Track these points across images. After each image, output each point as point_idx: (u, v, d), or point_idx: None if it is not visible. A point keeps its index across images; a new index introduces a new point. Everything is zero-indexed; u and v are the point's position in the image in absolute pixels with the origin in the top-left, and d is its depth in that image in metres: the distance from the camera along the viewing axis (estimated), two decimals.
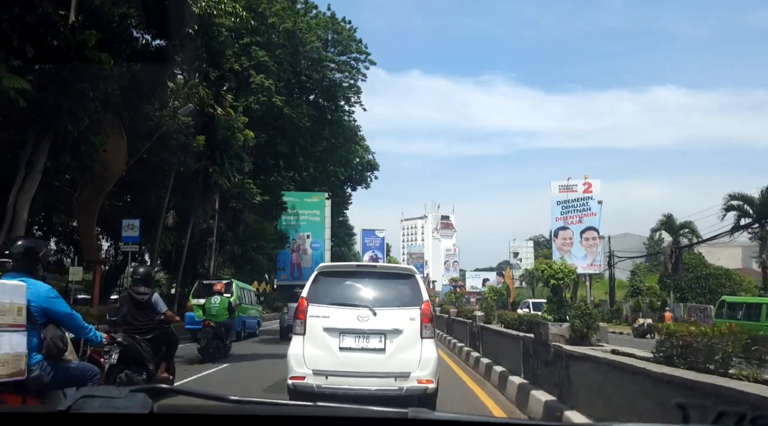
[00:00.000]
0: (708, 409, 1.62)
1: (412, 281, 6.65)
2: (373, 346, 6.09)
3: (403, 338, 6.13)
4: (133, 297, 7.20)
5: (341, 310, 6.28)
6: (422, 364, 6.05)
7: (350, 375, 5.98)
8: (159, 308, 7.20)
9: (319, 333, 6.16)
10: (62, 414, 1.29)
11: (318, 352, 6.11)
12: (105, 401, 1.33)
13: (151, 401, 1.31)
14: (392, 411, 1.35)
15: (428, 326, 6.25)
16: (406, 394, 5.93)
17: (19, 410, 2.13)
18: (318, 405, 1.52)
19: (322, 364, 6.04)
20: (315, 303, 6.35)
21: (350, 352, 6.07)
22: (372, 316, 6.15)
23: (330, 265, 7.92)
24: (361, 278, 6.77)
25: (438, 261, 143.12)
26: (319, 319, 6.22)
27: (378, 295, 6.50)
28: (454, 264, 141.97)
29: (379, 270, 7.40)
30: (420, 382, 5.99)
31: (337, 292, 6.58)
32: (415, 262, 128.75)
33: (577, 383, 5.79)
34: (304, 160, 40.29)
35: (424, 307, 6.29)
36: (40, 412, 1.73)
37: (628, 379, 4.59)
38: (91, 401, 1.32)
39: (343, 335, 6.11)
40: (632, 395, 4.50)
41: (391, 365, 6.04)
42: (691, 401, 1.83)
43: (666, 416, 3.74)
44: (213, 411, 1.43)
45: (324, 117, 40.28)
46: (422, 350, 6.11)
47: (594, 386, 5.39)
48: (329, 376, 5.97)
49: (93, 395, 1.36)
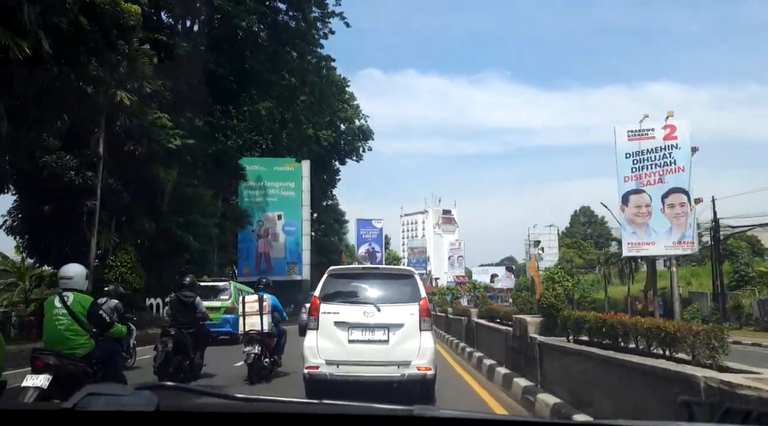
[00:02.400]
0: (714, 406, 1.63)
1: (411, 281, 7.53)
2: (378, 338, 7.00)
3: (404, 331, 7.00)
4: (181, 299, 8.67)
5: (350, 307, 7.15)
6: (421, 353, 6.92)
7: (358, 364, 6.89)
8: (200, 309, 8.71)
9: (331, 327, 7.03)
10: (68, 411, 1.28)
11: (330, 344, 6.98)
12: (110, 399, 1.32)
13: (157, 399, 1.31)
14: (398, 408, 1.35)
15: (426, 320, 7.16)
16: (408, 379, 6.84)
17: (24, 407, 2.09)
18: (323, 402, 1.47)
19: (334, 354, 6.91)
20: (326, 301, 7.23)
21: (358, 344, 6.96)
22: (377, 311, 7.03)
23: (339, 267, 8.61)
24: (366, 278, 7.68)
25: (440, 257, 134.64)
26: (330, 315, 7.09)
27: (382, 294, 7.33)
28: (459, 259, 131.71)
29: (383, 271, 8.71)
30: (419, 369, 6.88)
31: (345, 291, 7.42)
32: (416, 257, 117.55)
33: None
34: (258, 94, 27.43)
35: (422, 303, 7.19)
36: (46, 409, 1.60)
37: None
38: (97, 399, 1.31)
39: (351, 329, 7.00)
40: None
41: (394, 354, 6.92)
42: (697, 399, 1.94)
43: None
44: (218, 409, 1.43)
45: (287, 35, 27.64)
46: (421, 341, 7.00)
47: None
48: (340, 365, 6.88)
49: (98, 393, 1.34)
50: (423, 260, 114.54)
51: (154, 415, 1.28)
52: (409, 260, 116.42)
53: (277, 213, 37.67)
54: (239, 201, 37.28)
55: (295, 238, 37.58)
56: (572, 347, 6.19)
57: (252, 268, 36.92)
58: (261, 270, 38.01)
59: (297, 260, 37.14)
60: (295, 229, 37.81)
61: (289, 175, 38.14)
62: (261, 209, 37.53)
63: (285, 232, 37.55)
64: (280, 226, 37.51)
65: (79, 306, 5.07)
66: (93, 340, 5.19)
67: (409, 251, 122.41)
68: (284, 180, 37.95)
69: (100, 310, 5.36)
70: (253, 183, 37.81)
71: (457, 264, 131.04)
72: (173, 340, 8.03)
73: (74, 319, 5.05)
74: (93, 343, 5.16)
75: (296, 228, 37.79)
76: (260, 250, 36.90)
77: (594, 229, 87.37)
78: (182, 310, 8.56)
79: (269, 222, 37.25)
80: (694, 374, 3.29)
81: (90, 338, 5.16)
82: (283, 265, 36.84)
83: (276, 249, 37.03)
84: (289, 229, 37.68)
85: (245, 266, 36.87)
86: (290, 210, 38.10)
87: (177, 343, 8.06)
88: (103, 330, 5.42)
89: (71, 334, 5.07)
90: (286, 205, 37.92)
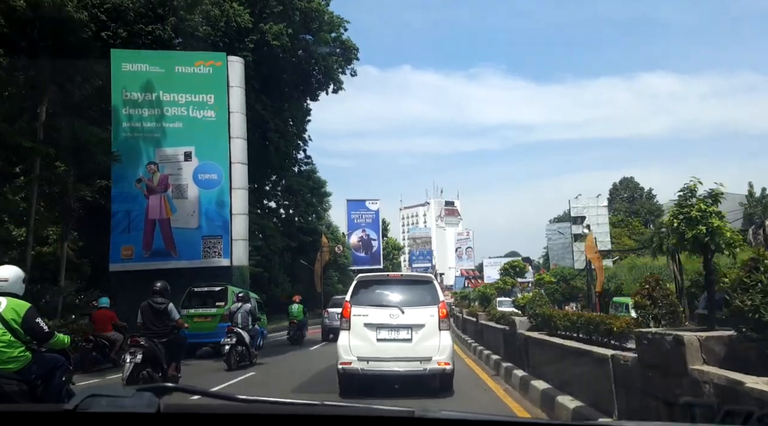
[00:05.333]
0: (714, 408, 1.67)
1: (431, 286, 8.76)
2: (403, 337, 8.12)
3: (425, 330, 8.14)
4: (152, 306, 8.44)
5: (377, 310, 8.28)
6: (441, 350, 8.06)
7: (386, 360, 8.03)
8: (174, 316, 8.52)
9: (361, 328, 8.19)
10: (69, 413, 1.27)
11: (360, 342, 8.13)
12: (112, 400, 1.31)
13: (158, 400, 1.30)
14: (399, 410, 1.36)
15: (444, 321, 8.27)
16: (429, 373, 8.06)
17: (24, 409, 2.03)
18: (325, 404, 1.46)
19: (364, 352, 8.04)
20: (356, 305, 8.40)
21: (385, 342, 8.10)
22: (401, 313, 8.18)
23: (366, 275, 9.47)
24: (391, 284, 8.91)
25: (444, 252, 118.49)
26: (360, 317, 8.24)
27: (404, 298, 8.50)
28: (468, 251, 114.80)
29: (405, 278, 9.83)
30: (439, 364, 7.99)
31: (373, 295, 8.59)
32: (420, 249, 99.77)
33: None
34: None
35: (440, 305, 8.35)
36: (47, 411, 1.59)
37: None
38: (98, 400, 1.30)
39: (379, 329, 8.15)
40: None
41: (417, 351, 8.04)
42: (698, 400, 1.90)
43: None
44: (220, 410, 1.43)
45: None
46: (440, 339, 8.13)
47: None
48: (370, 361, 8.01)
49: (100, 394, 1.32)
50: (427, 253, 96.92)
51: (156, 416, 1.28)
52: (411, 253, 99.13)
53: (184, 149, 20.88)
54: (114, 127, 20.45)
55: (216, 192, 20.85)
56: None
57: (138, 246, 20.13)
58: (154, 250, 20.86)
59: (221, 232, 20.58)
60: (219, 176, 21.02)
61: (202, 82, 21.35)
62: (154, 143, 20.83)
63: (198, 182, 20.74)
64: (189, 172, 20.78)
65: (12, 313, 4.68)
66: (30, 352, 4.78)
67: (410, 242, 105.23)
68: (196, 89, 21.23)
69: (37, 318, 4.83)
70: (138, 95, 20.92)
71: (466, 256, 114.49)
72: (143, 350, 7.84)
73: (6, 329, 4.66)
74: (29, 357, 4.76)
75: (220, 175, 21.01)
76: (152, 214, 20.19)
77: (641, 205, 70.42)
78: (154, 319, 8.40)
79: (169, 164, 20.54)
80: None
81: (26, 351, 4.76)
82: (197, 242, 20.28)
83: (183, 213, 20.36)
84: (205, 178, 20.87)
85: (125, 244, 20.08)
86: (207, 144, 21.26)
87: (147, 354, 7.87)
88: (42, 341, 5.01)
89: (3, 345, 4.68)
90: (200, 132, 21.11)
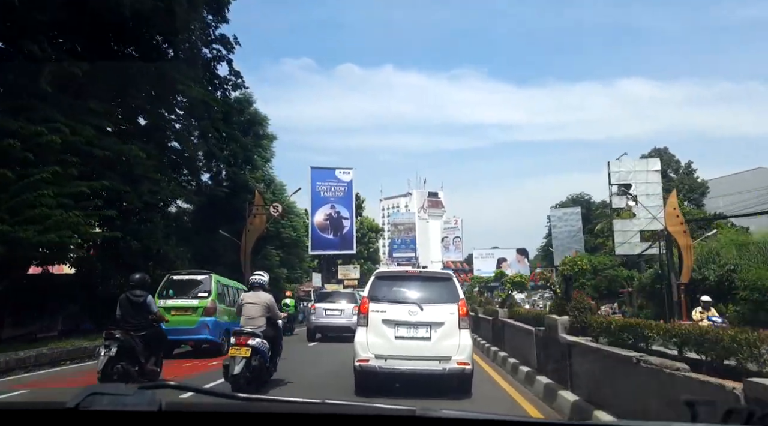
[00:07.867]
0: (716, 407, 1.69)
1: (450, 283, 8.42)
2: (421, 335, 7.81)
3: (444, 329, 7.81)
4: (130, 299, 8.16)
5: (395, 306, 7.98)
6: (460, 350, 7.73)
7: (404, 358, 7.69)
8: (152, 309, 8.28)
9: (379, 324, 7.87)
10: (71, 411, 1.25)
11: (378, 340, 7.83)
12: (113, 398, 1.29)
13: (160, 399, 1.29)
14: (400, 409, 1.34)
15: (464, 319, 7.94)
16: (449, 373, 7.67)
17: (27, 407, 1.92)
18: (326, 402, 1.44)
19: (382, 349, 7.75)
20: (374, 301, 8.08)
21: (403, 340, 7.79)
22: (420, 310, 7.86)
23: (385, 271, 9.76)
24: (410, 281, 8.52)
25: (427, 244, 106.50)
26: (378, 314, 7.93)
27: (424, 294, 8.16)
28: (456, 241, 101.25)
29: (424, 275, 9.18)
30: (459, 364, 7.65)
31: (391, 291, 8.27)
32: (402, 237, 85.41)
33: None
34: None
35: (460, 303, 8.01)
36: (49, 408, 1.51)
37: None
38: (100, 398, 1.28)
39: (397, 326, 7.84)
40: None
41: (436, 350, 7.73)
42: (699, 399, 1.78)
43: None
44: (221, 408, 1.42)
45: None
46: (460, 338, 7.81)
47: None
48: (387, 359, 7.70)
49: (101, 392, 1.31)
50: (410, 241, 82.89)
51: (157, 414, 1.26)
52: (393, 240, 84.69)
53: None
54: None
55: None
56: None
57: None
58: None
59: None
60: None
61: None
62: None
63: None
64: None
65: None
66: None
67: (392, 228, 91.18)
68: None
69: None
70: None
71: (453, 246, 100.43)
72: (118, 343, 7.65)
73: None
74: None
75: None
76: None
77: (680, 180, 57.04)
78: (132, 312, 8.16)
79: None
80: None
81: None
82: None
83: None
84: None
85: None
86: None
87: (122, 347, 7.67)
88: None
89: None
90: None
